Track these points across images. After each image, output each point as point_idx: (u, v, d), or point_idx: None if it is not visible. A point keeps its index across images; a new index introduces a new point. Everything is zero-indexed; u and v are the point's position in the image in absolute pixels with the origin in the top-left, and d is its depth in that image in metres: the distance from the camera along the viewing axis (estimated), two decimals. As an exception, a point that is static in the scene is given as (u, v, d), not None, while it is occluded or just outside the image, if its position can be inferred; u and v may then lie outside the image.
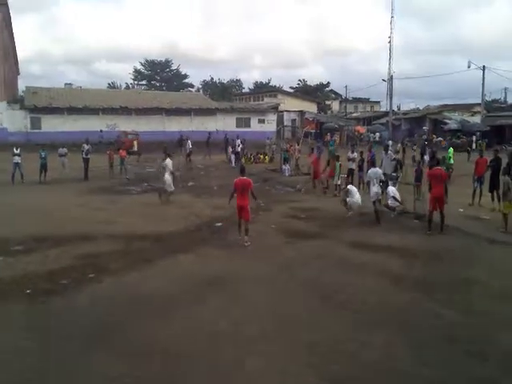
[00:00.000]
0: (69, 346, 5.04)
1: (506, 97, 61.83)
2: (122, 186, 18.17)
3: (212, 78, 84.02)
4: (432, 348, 5.12)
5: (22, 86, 55.57)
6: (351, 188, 12.41)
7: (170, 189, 14.16)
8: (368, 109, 73.38)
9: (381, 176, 11.62)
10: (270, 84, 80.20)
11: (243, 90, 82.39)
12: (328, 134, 45.21)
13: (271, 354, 4.94)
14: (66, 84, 52.31)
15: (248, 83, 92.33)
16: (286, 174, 21.33)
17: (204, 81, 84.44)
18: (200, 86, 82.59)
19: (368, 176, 11.77)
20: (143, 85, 78.36)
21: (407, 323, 5.78)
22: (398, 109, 60.32)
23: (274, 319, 5.84)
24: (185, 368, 4.66)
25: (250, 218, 9.63)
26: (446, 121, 44.25)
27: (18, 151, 18.44)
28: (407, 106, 68.70)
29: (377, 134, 45.58)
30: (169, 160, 14.48)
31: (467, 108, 49.09)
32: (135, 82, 79.41)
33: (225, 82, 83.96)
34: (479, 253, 9.01)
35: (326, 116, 59.52)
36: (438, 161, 12.06)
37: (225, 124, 43.34)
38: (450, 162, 18.49)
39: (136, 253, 8.65)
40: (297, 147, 23.91)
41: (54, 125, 36.70)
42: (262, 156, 28.63)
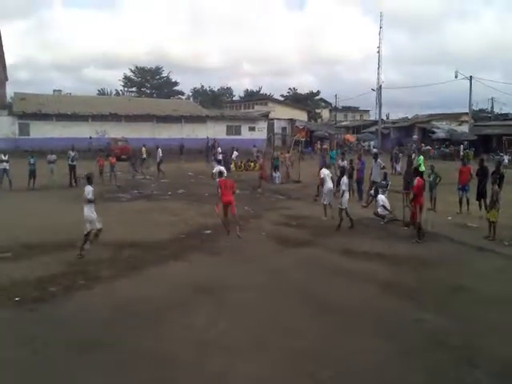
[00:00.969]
0: (57, 354, 5.00)
1: (492, 107, 63.01)
2: (112, 193, 18.05)
3: (202, 86, 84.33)
4: (420, 354, 5.20)
5: (10, 92, 55.03)
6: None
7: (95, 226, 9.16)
8: (357, 117, 74.27)
9: (346, 185, 11.97)
10: (261, 92, 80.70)
11: (234, 98, 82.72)
12: (318, 142, 45.60)
13: (261, 361, 4.96)
14: (54, 90, 51.89)
15: (239, 91, 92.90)
16: (277, 182, 21.43)
17: (194, 88, 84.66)
18: (190, 94, 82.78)
19: (341, 184, 11.96)
20: (133, 92, 78.13)
21: (396, 329, 5.84)
22: (387, 118, 61.20)
23: (264, 326, 5.87)
24: (174, 375, 4.66)
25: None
26: (434, 130, 44.92)
27: (5, 157, 18.29)
28: (396, 115, 69.57)
29: (371, 142, 45.71)
30: (88, 187, 9.46)
31: (455, 117, 49.90)
32: (125, 89, 79.23)
33: (215, 89, 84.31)
34: (467, 260, 9.17)
35: (316, 124, 60.02)
36: (416, 170, 12.44)
37: (215, 131, 43.39)
38: (421, 170, 18.59)
39: (126, 260, 8.62)
40: (287, 155, 24.07)
41: (42, 131, 36.38)
42: (252, 164, 28.72)
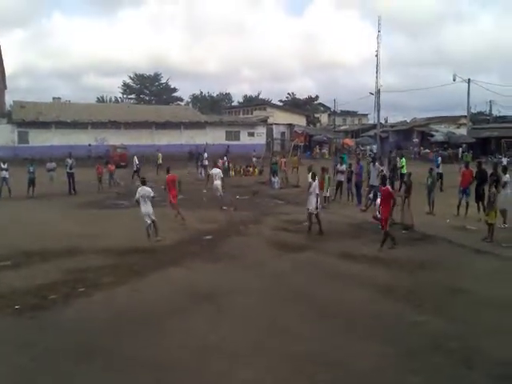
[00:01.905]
0: (56, 361, 5.01)
1: (490, 109, 63.03)
2: (111, 200, 18.10)
3: (201, 92, 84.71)
4: (419, 357, 5.21)
5: (9, 100, 55.23)
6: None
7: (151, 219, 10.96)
8: (356, 121, 74.40)
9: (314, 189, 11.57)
10: (260, 97, 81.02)
11: (233, 104, 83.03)
12: (317, 147, 45.72)
13: (261, 366, 4.98)
14: (54, 98, 52.08)
15: (237, 96, 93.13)
16: (276, 187, 21.48)
17: (193, 94, 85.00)
18: (189, 100, 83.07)
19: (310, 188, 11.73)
20: (132, 99, 78.42)
21: (395, 332, 5.86)
22: (386, 121, 61.27)
23: (263, 331, 5.88)
24: (174, 382, 4.67)
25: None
26: (433, 133, 45.04)
27: (5, 166, 18.35)
28: (394, 118, 69.68)
29: (373, 146, 44.97)
30: (145, 188, 11.03)
31: (453, 120, 49.97)
32: (124, 96, 79.53)
33: (214, 95, 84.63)
34: (465, 262, 9.18)
35: (315, 129, 60.20)
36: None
37: (214, 137, 43.55)
38: (403, 172, 18.55)
39: (126, 267, 8.64)
40: (283, 160, 24.15)
41: (41, 139, 36.50)
42: (251, 169, 28.81)
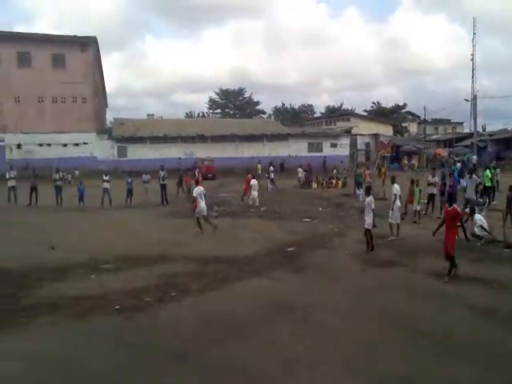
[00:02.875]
0: (151, 360, 5.33)
1: None
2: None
3: (283, 104, 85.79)
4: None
5: (109, 117, 61.24)
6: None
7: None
8: (449, 130, 69.64)
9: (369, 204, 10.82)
10: (343, 108, 79.77)
11: (315, 115, 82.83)
12: (405, 158, 43.50)
13: (348, 382, 4.81)
14: (148, 115, 56.67)
15: (320, 108, 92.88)
16: (361, 199, 20.81)
17: (275, 107, 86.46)
18: (272, 112, 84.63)
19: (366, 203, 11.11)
20: (218, 113, 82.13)
21: (497, 358, 5.30)
22: (483, 129, 56.44)
23: (349, 347, 5.69)
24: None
25: None
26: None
27: (107, 178, 20.20)
28: (493, 126, 63.96)
29: (473, 157, 40.72)
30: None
31: None
32: (210, 111, 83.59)
33: (296, 107, 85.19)
34: None
35: (403, 139, 57.45)
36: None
37: (297, 149, 43.75)
38: (488, 185, 16.99)
39: (211, 274, 8.96)
40: (367, 172, 23.37)
41: (138, 153, 39.70)
42: (334, 181, 28.32)
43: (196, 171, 21.86)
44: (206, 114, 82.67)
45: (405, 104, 76.31)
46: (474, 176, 14.70)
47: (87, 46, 40.92)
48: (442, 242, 9.36)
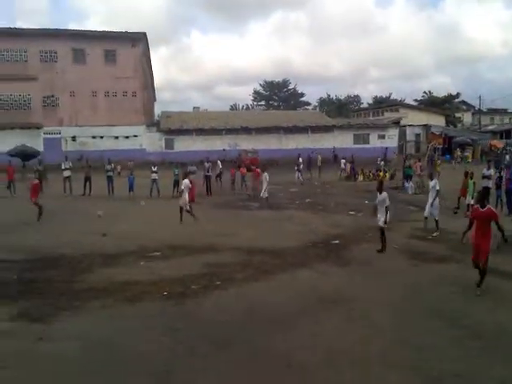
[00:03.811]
0: (198, 346, 5.46)
1: None
2: (243, 201, 19.13)
3: (329, 95, 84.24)
4: None
5: (157, 110, 63.01)
6: None
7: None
8: (506, 121, 65.42)
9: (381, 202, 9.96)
10: (391, 98, 77.12)
11: (361, 106, 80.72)
12: (458, 149, 41.47)
13: (393, 381, 4.67)
14: (194, 108, 57.76)
15: (366, 98, 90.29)
16: (409, 192, 20.14)
17: (320, 98, 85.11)
18: (316, 104, 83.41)
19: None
20: (262, 105, 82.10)
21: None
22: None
23: (395, 344, 5.52)
24: (304, 380, 4.69)
25: None
26: None
27: (155, 169, 20.86)
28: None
29: None
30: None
31: None
32: (255, 103, 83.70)
33: (341, 98, 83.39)
34: None
35: (456, 130, 54.68)
36: None
37: (342, 140, 42.95)
38: None
39: (256, 265, 9.01)
40: (418, 164, 22.50)
41: (184, 145, 40.64)
42: (381, 173, 27.54)
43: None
44: (251, 106, 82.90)
45: (458, 93, 72.37)
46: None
47: (137, 41, 42.22)
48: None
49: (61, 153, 32.79)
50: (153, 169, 20.91)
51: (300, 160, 26.95)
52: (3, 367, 4.95)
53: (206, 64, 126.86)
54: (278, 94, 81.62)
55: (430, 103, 67.72)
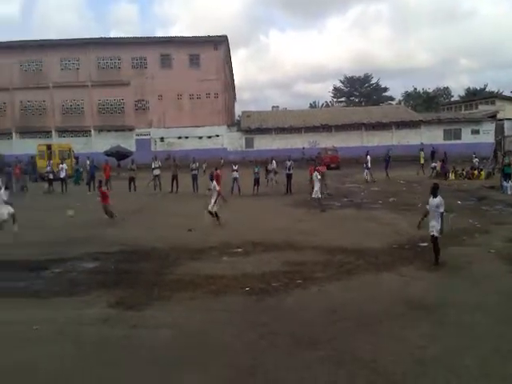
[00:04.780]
0: (282, 343, 5.49)
1: None
2: (323, 200, 18.82)
3: (415, 89, 79.38)
4: None
5: (238, 110, 64.65)
6: None
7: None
8: None
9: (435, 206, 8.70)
10: (486, 90, 70.70)
11: (452, 99, 75.06)
12: None
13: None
14: (273, 107, 58.24)
15: (458, 90, 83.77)
16: (508, 193, 18.31)
17: (406, 92, 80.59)
18: (401, 98, 79.16)
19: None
20: (342, 101, 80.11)
21: None
22: None
23: (492, 353, 5.07)
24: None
25: None
26: None
27: (236, 167, 21.41)
28: None
29: None
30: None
31: None
32: (334, 100, 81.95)
33: (429, 91, 78.17)
34: None
35: None
36: None
37: (430, 137, 40.39)
38: None
39: (338, 265, 8.84)
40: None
41: (264, 144, 41.25)
42: (475, 172, 25.49)
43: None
44: (330, 104, 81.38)
45: None
46: None
47: (219, 44, 43.67)
48: None
49: (150, 153, 35.07)
50: (233, 167, 21.47)
51: (368, 158, 25.92)
52: (105, 351, 5.43)
53: (285, 62, 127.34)
54: (359, 90, 78.98)
55: (533, 94, 60.82)
